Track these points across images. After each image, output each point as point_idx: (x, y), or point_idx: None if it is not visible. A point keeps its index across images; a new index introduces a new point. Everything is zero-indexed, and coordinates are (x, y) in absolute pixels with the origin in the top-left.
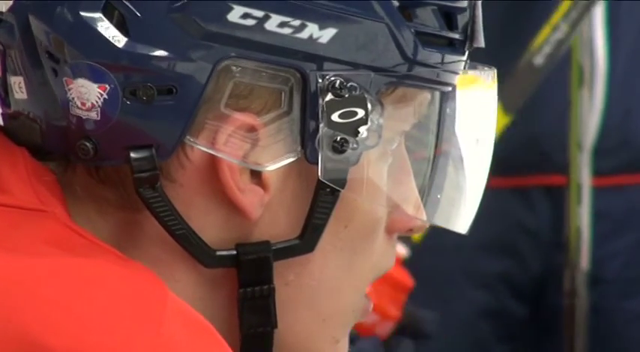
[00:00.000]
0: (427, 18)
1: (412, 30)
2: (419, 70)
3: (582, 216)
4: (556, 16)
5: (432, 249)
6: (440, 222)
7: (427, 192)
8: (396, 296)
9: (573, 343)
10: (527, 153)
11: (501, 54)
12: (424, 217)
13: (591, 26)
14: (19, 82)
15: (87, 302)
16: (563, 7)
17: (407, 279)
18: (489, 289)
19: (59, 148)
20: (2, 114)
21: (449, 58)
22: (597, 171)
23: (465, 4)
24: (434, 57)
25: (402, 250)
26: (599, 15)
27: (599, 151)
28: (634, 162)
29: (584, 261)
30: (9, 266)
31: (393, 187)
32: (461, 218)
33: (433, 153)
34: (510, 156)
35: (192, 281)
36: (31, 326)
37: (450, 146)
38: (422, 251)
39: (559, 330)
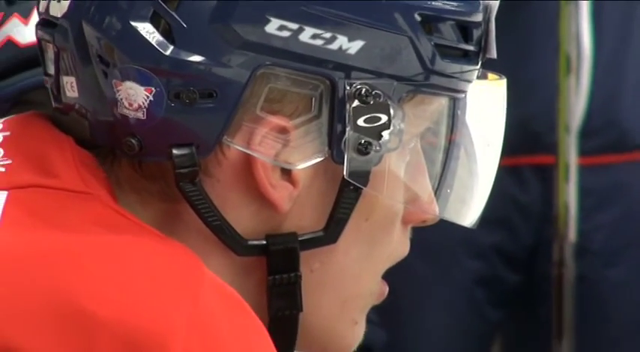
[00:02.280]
0: (446, 31)
1: (432, 43)
2: (437, 79)
3: (570, 193)
4: None
5: (434, 223)
6: (450, 216)
7: (439, 188)
8: None
9: (561, 308)
10: (519, 135)
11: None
12: (437, 211)
13: (578, 18)
14: (71, 82)
15: (130, 274)
16: None
17: None
18: (485, 259)
19: (106, 142)
20: (54, 109)
21: (464, 68)
22: (583, 151)
23: (480, 18)
24: (451, 67)
25: None
26: (584, 8)
27: (585, 133)
28: (616, 143)
29: (572, 233)
30: (58, 242)
31: (409, 184)
32: (469, 213)
33: (445, 153)
34: (504, 138)
35: (225, 268)
36: (77, 296)
37: (461, 147)
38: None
39: (548, 297)
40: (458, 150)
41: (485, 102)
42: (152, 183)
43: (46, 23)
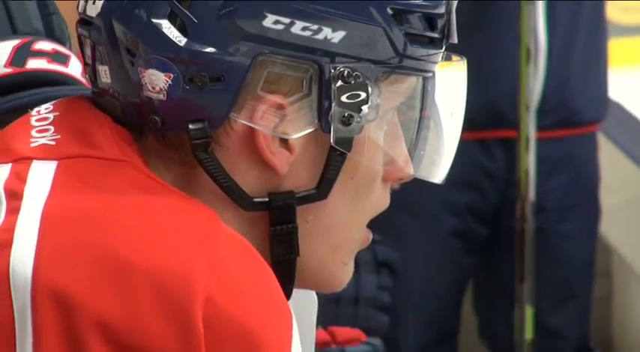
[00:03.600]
0: (414, 22)
1: (402, 32)
2: (407, 62)
3: (529, 161)
4: None
5: (417, 186)
6: (422, 175)
7: (413, 151)
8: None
9: (523, 256)
10: (487, 113)
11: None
12: (411, 170)
13: (535, 17)
14: (105, 70)
15: (160, 228)
16: None
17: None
18: (459, 216)
19: (135, 120)
20: (92, 92)
21: (430, 51)
22: (540, 127)
23: (443, 9)
24: (419, 51)
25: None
26: (540, 7)
27: (541, 111)
28: (567, 120)
29: (531, 194)
30: (100, 203)
31: (387, 148)
32: (438, 172)
33: (418, 123)
34: (474, 116)
35: (234, 221)
36: (116, 247)
37: (430, 118)
38: (409, 188)
39: (512, 247)
40: (428, 121)
41: (450, 80)
42: (173, 151)
43: (84, 22)
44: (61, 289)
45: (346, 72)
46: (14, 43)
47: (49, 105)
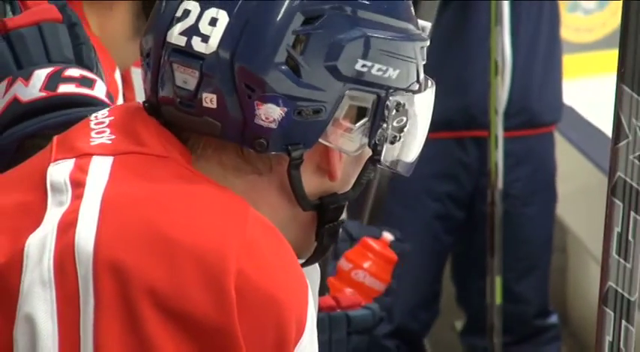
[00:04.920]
0: (424, 54)
1: (420, 62)
2: (416, 85)
3: (498, 156)
4: None
5: (405, 178)
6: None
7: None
8: (387, 267)
9: (493, 234)
10: (463, 116)
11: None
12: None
13: (502, 36)
14: (212, 98)
15: (199, 211)
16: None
17: (394, 256)
18: (440, 202)
19: (237, 140)
20: (181, 111)
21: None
22: (506, 127)
23: (428, 39)
24: (421, 75)
25: (389, 236)
26: (506, 29)
27: (508, 115)
28: (529, 122)
29: (499, 183)
30: (149, 190)
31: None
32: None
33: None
34: (452, 119)
35: (288, 217)
36: (163, 227)
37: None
38: (400, 179)
39: (484, 227)
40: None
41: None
42: (246, 162)
43: (185, 53)
44: (118, 262)
45: (396, 103)
46: (48, 70)
47: (105, 112)
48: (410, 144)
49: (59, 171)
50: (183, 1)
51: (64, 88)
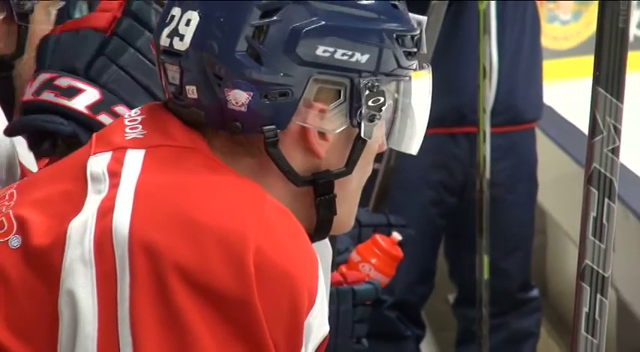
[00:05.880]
0: (407, 42)
1: (402, 50)
2: (402, 71)
3: (486, 149)
4: None
5: (406, 168)
6: (400, 148)
7: (393, 132)
8: (392, 264)
9: (481, 218)
10: (456, 114)
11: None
12: (385, 145)
13: (490, 44)
14: (193, 89)
15: (222, 197)
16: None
17: (399, 254)
18: (435, 189)
19: (217, 125)
20: (178, 105)
21: (413, 61)
22: (493, 124)
23: (418, 31)
24: (408, 62)
25: (398, 236)
26: (494, 36)
27: (494, 113)
28: (513, 119)
29: (487, 173)
30: (178, 179)
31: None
32: (412, 145)
33: (399, 112)
34: (446, 116)
35: (288, 194)
36: (189, 210)
37: (408, 108)
38: (401, 169)
39: (473, 211)
40: (407, 110)
41: (424, 83)
42: (239, 147)
43: (169, 53)
44: (150, 242)
45: (370, 84)
46: (47, 76)
47: (137, 110)
48: (405, 121)
49: (98, 163)
50: (171, 9)
51: (44, 96)
